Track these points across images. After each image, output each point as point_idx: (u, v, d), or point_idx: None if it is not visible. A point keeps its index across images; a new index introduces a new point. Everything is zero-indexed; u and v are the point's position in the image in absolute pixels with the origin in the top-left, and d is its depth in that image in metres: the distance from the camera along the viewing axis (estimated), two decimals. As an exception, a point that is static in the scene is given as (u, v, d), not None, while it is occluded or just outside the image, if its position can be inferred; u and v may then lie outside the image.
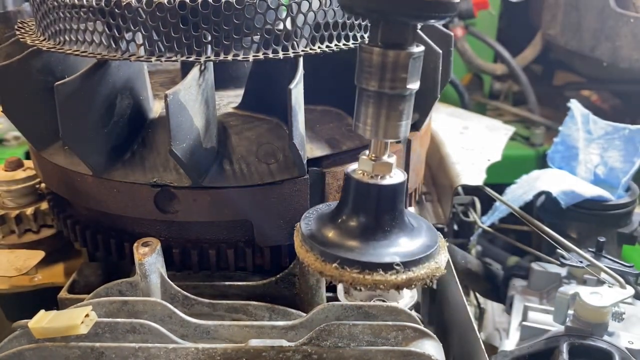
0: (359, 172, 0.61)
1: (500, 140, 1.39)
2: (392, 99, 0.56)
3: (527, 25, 2.34)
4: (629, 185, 1.24)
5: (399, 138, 0.59)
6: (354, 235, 0.61)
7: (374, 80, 0.56)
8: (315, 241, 0.61)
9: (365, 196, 0.61)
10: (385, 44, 0.54)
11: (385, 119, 0.57)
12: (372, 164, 0.60)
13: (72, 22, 0.76)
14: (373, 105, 0.57)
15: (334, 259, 0.59)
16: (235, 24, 0.72)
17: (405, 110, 0.57)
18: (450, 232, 1.36)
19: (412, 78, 0.56)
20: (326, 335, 0.71)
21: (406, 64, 0.55)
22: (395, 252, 0.60)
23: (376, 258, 0.59)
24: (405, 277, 0.59)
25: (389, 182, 0.60)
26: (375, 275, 0.58)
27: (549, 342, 0.87)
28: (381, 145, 0.59)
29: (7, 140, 1.78)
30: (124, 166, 0.82)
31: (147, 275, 0.76)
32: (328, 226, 0.62)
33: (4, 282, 0.96)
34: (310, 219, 0.65)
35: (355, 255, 0.59)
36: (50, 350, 0.69)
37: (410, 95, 0.57)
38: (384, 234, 0.60)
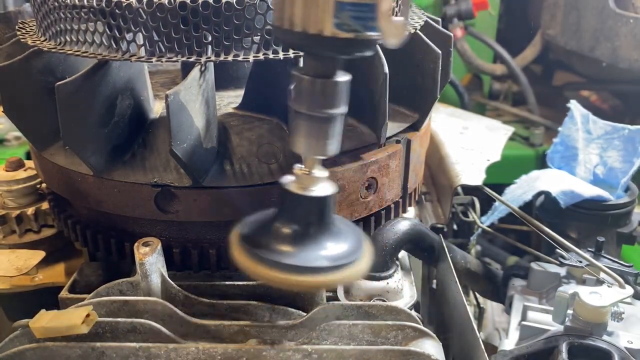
0: (292, 184, 0.66)
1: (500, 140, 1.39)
2: (321, 121, 0.62)
3: (526, 26, 2.34)
4: (629, 185, 1.24)
5: (327, 155, 0.64)
6: (285, 241, 0.66)
7: (304, 103, 0.61)
8: (248, 243, 0.67)
9: (297, 206, 0.66)
10: (314, 74, 0.60)
11: (315, 138, 0.63)
12: (304, 177, 0.66)
13: (72, 22, 0.77)
14: (304, 125, 0.62)
15: (265, 261, 0.64)
16: (235, 24, 0.73)
17: (332, 131, 0.63)
18: (450, 232, 1.36)
19: (338, 103, 0.62)
20: (326, 335, 0.71)
21: (333, 92, 0.61)
22: (321, 256, 0.65)
23: (302, 262, 0.64)
24: (326, 279, 0.65)
25: (318, 194, 0.65)
26: (300, 277, 0.64)
27: (548, 342, 0.87)
28: (312, 160, 0.65)
29: (7, 141, 1.78)
30: (125, 166, 0.82)
31: (148, 275, 0.76)
32: (263, 231, 0.68)
33: (4, 282, 0.96)
34: (249, 224, 0.71)
35: (283, 259, 0.64)
36: (50, 349, 0.69)
37: (337, 117, 0.63)
38: (313, 240, 0.66)
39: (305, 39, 0.57)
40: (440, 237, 0.99)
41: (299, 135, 0.63)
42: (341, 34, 0.56)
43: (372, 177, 0.88)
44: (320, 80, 0.60)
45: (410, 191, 1.00)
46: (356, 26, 0.56)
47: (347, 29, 0.56)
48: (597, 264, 0.97)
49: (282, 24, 0.58)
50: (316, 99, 0.61)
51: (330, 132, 0.63)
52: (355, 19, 0.56)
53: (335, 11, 0.55)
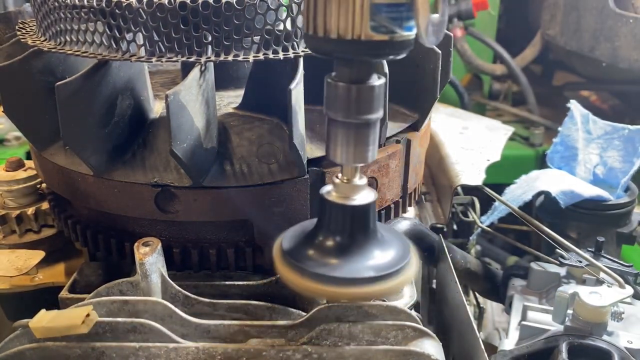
0: (332, 194, 0.65)
1: (500, 140, 1.39)
2: (358, 128, 0.61)
3: (526, 26, 2.34)
4: (628, 185, 1.24)
5: (367, 162, 0.63)
6: (331, 253, 0.65)
7: (341, 111, 0.60)
8: (295, 259, 0.66)
9: (340, 216, 0.65)
10: (349, 80, 0.59)
11: (353, 146, 0.62)
12: (344, 186, 0.65)
13: (72, 22, 0.77)
14: (341, 133, 0.61)
15: (312, 275, 0.64)
16: (235, 24, 0.73)
17: (370, 137, 0.62)
18: (450, 232, 1.36)
19: (374, 108, 0.61)
20: (326, 335, 0.71)
21: (368, 97, 0.60)
22: (369, 266, 0.64)
23: (351, 273, 0.63)
24: (374, 289, 0.64)
25: (360, 202, 0.64)
26: (351, 289, 0.63)
27: (548, 342, 0.87)
28: (352, 169, 0.64)
29: (8, 141, 1.79)
30: (125, 166, 0.82)
31: (148, 275, 0.76)
32: (307, 245, 0.67)
33: (4, 282, 0.96)
34: (290, 237, 0.70)
35: (332, 272, 0.63)
36: (51, 349, 0.69)
37: (375, 123, 0.62)
38: (358, 250, 0.65)
39: (342, 45, 0.56)
40: (440, 237, 0.99)
41: (337, 144, 0.62)
42: (378, 37, 0.55)
43: (372, 177, 0.88)
44: (355, 86, 0.59)
45: (410, 191, 1.00)
46: (393, 27, 0.55)
47: (384, 31, 0.55)
48: (597, 264, 0.97)
49: (315, 32, 0.57)
50: (353, 106, 0.60)
51: (370, 138, 0.62)
52: (392, 20, 0.55)
53: (371, 14, 0.54)
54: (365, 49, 0.56)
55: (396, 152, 0.91)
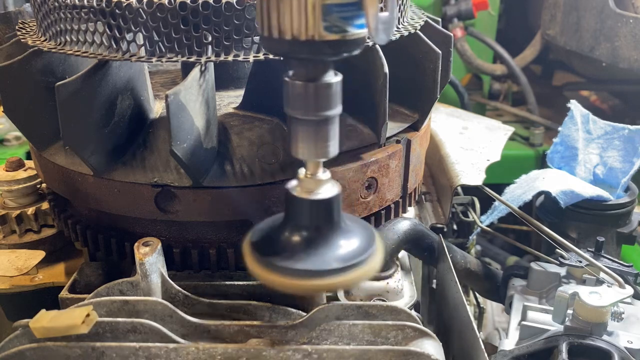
0: (297, 189, 0.66)
1: (500, 140, 1.39)
2: (317, 124, 0.62)
3: (526, 26, 2.34)
4: (628, 185, 1.24)
5: (328, 157, 0.64)
6: (297, 246, 0.66)
7: (300, 109, 0.61)
8: (262, 253, 0.67)
9: (305, 210, 0.67)
10: (306, 78, 0.60)
11: (314, 142, 0.63)
12: (308, 181, 0.66)
13: (73, 22, 0.77)
14: (302, 130, 0.63)
15: (279, 269, 0.65)
16: (235, 24, 0.73)
17: (330, 132, 0.63)
18: (450, 232, 1.36)
19: (332, 104, 0.62)
20: (326, 335, 0.71)
21: (326, 94, 0.61)
22: (335, 258, 0.65)
23: (317, 265, 0.64)
24: (340, 280, 0.65)
25: (324, 196, 0.66)
26: (317, 281, 0.64)
27: (548, 342, 0.87)
28: (314, 164, 0.65)
29: (8, 141, 1.78)
30: (125, 166, 0.82)
31: (148, 275, 0.77)
32: (274, 239, 0.68)
33: (4, 282, 0.96)
34: (259, 232, 0.71)
35: (298, 264, 0.64)
36: (51, 349, 0.69)
37: (334, 118, 0.63)
38: (324, 242, 0.66)
39: (297, 46, 0.57)
40: (440, 237, 0.99)
41: (298, 141, 0.63)
42: (330, 36, 0.56)
43: (372, 177, 0.88)
44: (312, 83, 0.60)
45: (410, 191, 1.00)
46: (345, 26, 0.56)
47: (336, 30, 0.56)
48: (597, 264, 0.97)
49: (270, 34, 0.58)
50: (311, 103, 0.61)
51: (329, 134, 0.63)
52: (343, 19, 0.56)
53: (323, 14, 0.55)
54: (320, 48, 0.57)
55: (396, 152, 0.91)
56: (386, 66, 0.81)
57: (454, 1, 2.10)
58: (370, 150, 0.89)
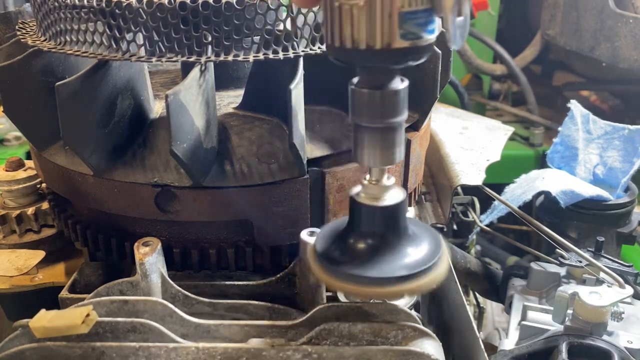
0: (362, 195, 0.66)
1: (500, 140, 1.39)
2: (383, 132, 0.62)
3: (526, 26, 2.34)
4: (628, 185, 1.24)
5: (394, 163, 0.64)
6: (364, 253, 0.66)
7: (366, 116, 0.61)
8: (329, 261, 0.67)
9: (370, 217, 0.66)
10: (373, 86, 0.60)
11: (379, 149, 0.63)
12: (373, 187, 0.65)
13: (72, 22, 0.77)
14: (367, 138, 0.63)
15: (347, 276, 0.65)
16: (235, 24, 0.73)
17: (396, 139, 0.63)
18: (450, 231, 1.36)
19: (398, 111, 0.62)
20: (326, 335, 0.71)
21: (392, 101, 0.61)
22: (402, 265, 0.65)
23: (385, 273, 0.64)
24: (413, 286, 0.65)
25: (389, 202, 0.65)
26: (387, 288, 0.64)
27: (548, 342, 0.87)
28: (379, 170, 0.65)
29: (8, 141, 1.78)
30: (125, 166, 0.82)
31: (148, 275, 0.77)
32: (340, 247, 0.68)
33: (4, 282, 0.96)
34: (323, 239, 0.70)
35: (366, 272, 0.64)
36: (51, 349, 0.69)
37: (400, 125, 0.63)
38: (390, 249, 0.66)
39: (371, 55, 0.57)
40: (440, 237, 0.98)
41: (364, 148, 0.63)
42: (405, 44, 0.56)
43: (372, 177, 0.88)
44: (379, 91, 0.60)
45: (410, 191, 1.00)
46: (419, 33, 0.56)
47: (412, 37, 0.56)
48: (597, 264, 0.97)
49: (342, 44, 0.57)
50: (378, 110, 0.61)
51: (395, 141, 0.63)
52: (418, 26, 0.56)
53: (400, 22, 0.55)
54: (393, 56, 0.57)
55: (396, 152, 0.91)
56: (386, 66, 0.81)
57: (454, 1, 2.10)
58: (370, 150, 0.89)
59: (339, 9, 0.56)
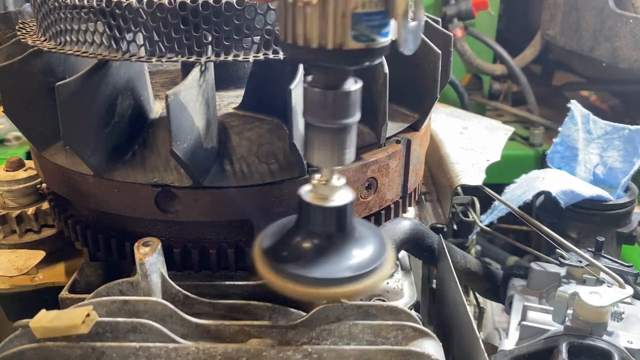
0: (311, 195, 0.66)
1: (500, 140, 1.39)
2: (335, 132, 0.62)
3: (526, 26, 2.34)
4: (629, 186, 1.24)
5: (344, 164, 0.64)
6: (310, 254, 0.66)
7: (318, 116, 0.61)
8: (274, 259, 0.66)
9: (318, 217, 0.66)
10: (326, 86, 0.59)
11: (330, 150, 0.62)
12: (323, 187, 0.65)
13: (73, 22, 0.77)
14: (318, 137, 0.62)
15: (291, 276, 0.65)
16: (235, 24, 0.73)
17: (347, 141, 0.63)
18: (450, 232, 1.36)
19: (351, 113, 0.61)
20: (326, 335, 0.71)
21: (345, 103, 0.60)
22: (347, 266, 0.66)
23: (330, 274, 0.64)
24: (352, 288, 0.65)
25: (338, 203, 0.65)
26: (329, 289, 0.65)
27: (548, 342, 0.87)
28: (330, 171, 0.65)
29: (8, 141, 1.78)
30: (125, 166, 0.82)
31: (148, 275, 0.76)
32: (287, 245, 0.68)
33: (5, 282, 0.96)
34: (270, 236, 0.70)
35: (310, 272, 0.64)
36: (51, 349, 0.69)
37: (352, 127, 0.62)
38: (336, 250, 0.66)
39: (323, 55, 0.56)
40: (440, 237, 0.99)
41: (315, 148, 0.63)
42: (357, 45, 0.56)
43: (372, 177, 0.88)
44: (331, 91, 0.60)
45: (410, 191, 1.00)
46: (372, 35, 0.56)
47: (364, 40, 0.56)
48: (597, 264, 0.97)
49: (294, 41, 0.57)
50: (329, 111, 0.60)
51: (347, 142, 0.62)
52: (371, 28, 0.56)
53: (353, 24, 0.54)
54: (345, 57, 0.56)
55: (396, 152, 0.91)
56: (386, 66, 0.81)
57: (454, 1, 2.10)
58: (370, 150, 0.89)
59: (292, 6, 0.55)
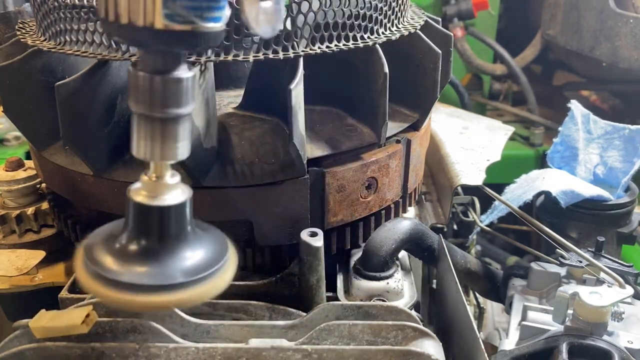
0: (141, 193, 0.58)
1: (500, 140, 1.39)
2: (164, 123, 0.55)
3: (526, 26, 2.34)
4: (629, 185, 1.24)
5: (176, 159, 0.57)
6: (138, 258, 0.58)
7: (143, 103, 0.54)
8: (98, 266, 0.58)
9: (146, 217, 0.59)
10: (153, 70, 0.53)
11: (160, 142, 0.55)
12: (154, 185, 0.58)
13: (72, 22, 0.77)
14: (145, 128, 0.55)
15: (116, 284, 0.56)
16: (235, 24, 0.73)
17: (180, 133, 0.56)
18: (450, 232, 1.36)
19: (182, 102, 0.55)
20: (326, 335, 0.71)
21: (174, 90, 0.54)
22: (178, 271, 0.58)
23: (155, 280, 0.57)
24: (184, 295, 0.57)
25: (170, 202, 0.58)
26: (156, 296, 0.56)
27: (549, 342, 0.87)
28: (161, 166, 0.57)
29: (7, 140, 1.78)
30: (125, 166, 0.82)
31: (148, 275, 0.76)
32: (112, 250, 0.59)
33: (4, 282, 0.96)
34: (94, 241, 0.62)
35: (138, 279, 0.56)
36: (50, 349, 0.69)
37: (184, 118, 0.56)
38: (167, 254, 0.59)
39: (134, 32, 0.50)
40: (440, 237, 0.99)
41: (141, 139, 0.55)
42: (175, 26, 0.50)
43: (372, 177, 0.88)
44: (160, 76, 0.53)
45: (410, 191, 1.00)
46: (191, 17, 0.51)
47: (180, 21, 0.50)
48: (597, 264, 0.97)
49: (107, 15, 0.51)
50: (157, 98, 0.53)
51: (179, 134, 0.56)
52: (190, 10, 0.50)
53: (164, 1, 0.49)
54: (160, 38, 0.51)
55: (396, 152, 0.91)
56: (386, 66, 0.81)
57: (454, 1, 2.10)
58: (370, 150, 0.89)
59: None
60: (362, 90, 0.87)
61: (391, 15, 0.86)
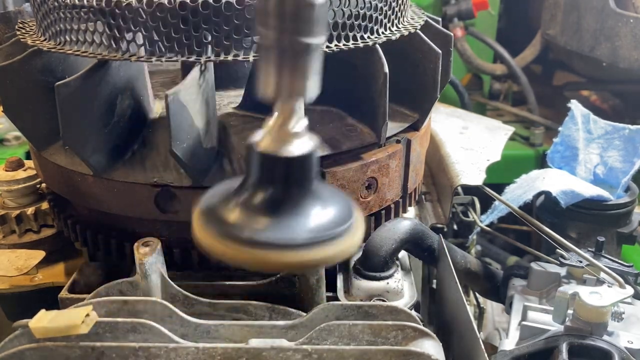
0: (264, 142, 0.54)
1: (500, 140, 1.39)
2: (296, 53, 0.49)
3: (526, 26, 2.34)
4: (629, 185, 1.24)
5: (305, 97, 0.52)
6: (260, 212, 0.53)
7: (273, 29, 0.49)
8: (215, 220, 0.54)
9: (270, 168, 0.54)
10: None
11: (288, 75, 0.50)
12: (278, 131, 0.53)
13: (72, 22, 0.77)
14: (274, 58, 0.50)
15: (233, 238, 0.52)
16: (235, 24, 0.73)
17: (311, 65, 0.50)
18: (450, 232, 1.36)
19: (316, 30, 0.49)
20: (326, 335, 0.71)
21: (308, 14, 0.48)
22: (305, 229, 0.53)
23: (281, 236, 0.52)
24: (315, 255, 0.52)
25: (296, 152, 0.53)
26: (281, 254, 0.52)
27: (549, 342, 0.87)
28: (287, 109, 0.53)
29: (7, 140, 1.78)
30: (125, 166, 0.82)
31: (148, 275, 0.76)
32: (232, 202, 0.55)
33: (4, 282, 0.96)
34: (211, 197, 0.57)
35: (260, 234, 0.52)
36: (50, 349, 0.69)
37: (316, 49, 0.50)
38: (291, 210, 0.53)
39: None
40: (440, 237, 0.99)
41: (268, 73, 0.50)
42: None
43: (372, 177, 0.88)
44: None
45: (410, 191, 1.00)
46: None
47: None
48: (597, 264, 0.97)
49: None
50: (288, 24, 0.48)
51: (309, 67, 0.50)
52: None
53: None
54: None
55: (396, 152, 0.91)
56: (386, 66, 0.81)
57: (454, 1, 2.10)
58: (370, 150, 0.89)
59: None
60: (362, 90, 0.87)
61: (391, 15, 0.86)
